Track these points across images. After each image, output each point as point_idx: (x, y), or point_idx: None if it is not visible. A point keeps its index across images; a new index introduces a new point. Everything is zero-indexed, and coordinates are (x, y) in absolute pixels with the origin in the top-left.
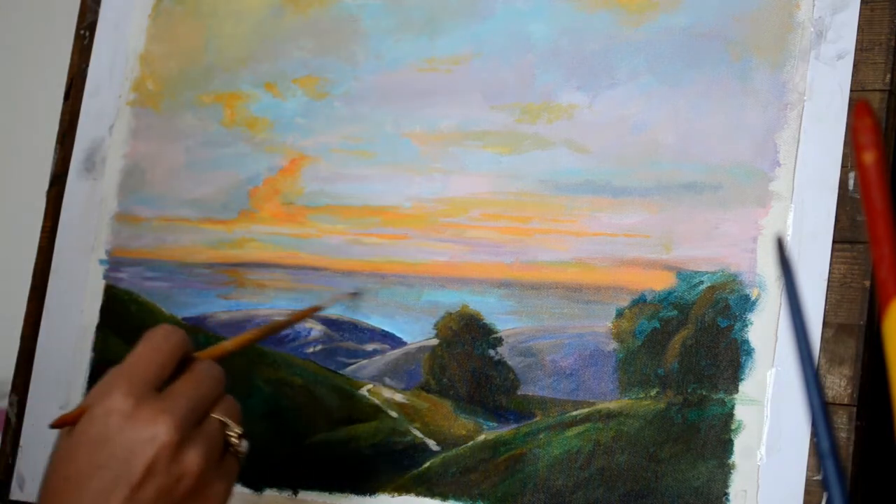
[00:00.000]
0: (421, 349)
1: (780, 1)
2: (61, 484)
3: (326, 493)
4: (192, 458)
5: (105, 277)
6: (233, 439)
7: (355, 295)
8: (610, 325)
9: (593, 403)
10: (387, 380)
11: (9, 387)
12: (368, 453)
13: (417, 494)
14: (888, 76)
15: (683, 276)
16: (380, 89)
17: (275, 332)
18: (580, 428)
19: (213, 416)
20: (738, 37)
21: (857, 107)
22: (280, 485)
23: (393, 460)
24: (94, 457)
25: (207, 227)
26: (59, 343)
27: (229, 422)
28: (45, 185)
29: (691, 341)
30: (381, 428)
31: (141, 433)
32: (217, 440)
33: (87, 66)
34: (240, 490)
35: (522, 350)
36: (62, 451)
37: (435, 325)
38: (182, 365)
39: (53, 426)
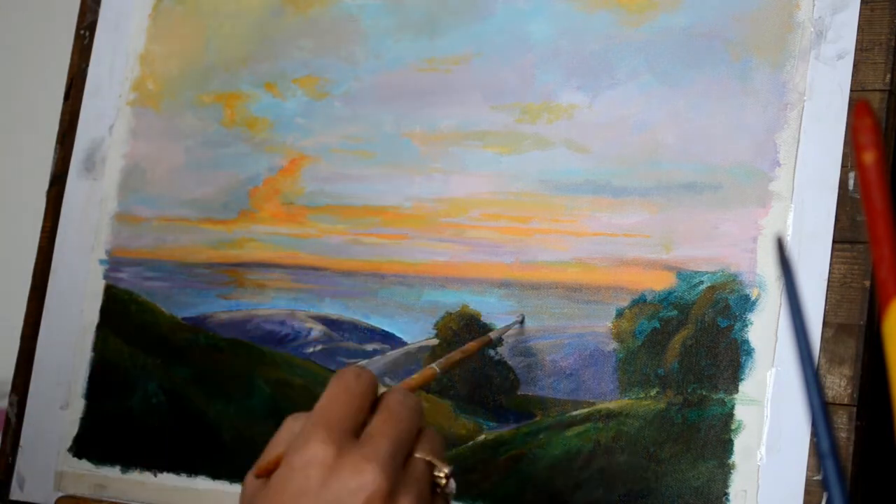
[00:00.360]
0: (421, 349)
1: (780, 1)
2: None
3: None
4: None
5: (105, 277)
6: (441, 480)
7: (521, 323)
8: (610, 325)
9: (593, 403)
10: (387, 380)
11: (9, 387)
12: None
13: None
14: (888, 76)
15: (683, 276)
16: (380, 89)
17: (454, 366)
18: (580, 428)
19: (418, 455)
20: (738, 37)
21: (857, 107)
22: None
23: None
24: None
25: (207, 227)
26: (59, 343)
27: (436, 461)
28: (45, 185)
29: (691, 341)
30: None
31: (347, 484)
32: (426, 482)
33: (87, 66)
34: (239, 490)
35: (522, 350)
36: None
37: (435, 325)
38: (375, 402)
39: (257, 475)
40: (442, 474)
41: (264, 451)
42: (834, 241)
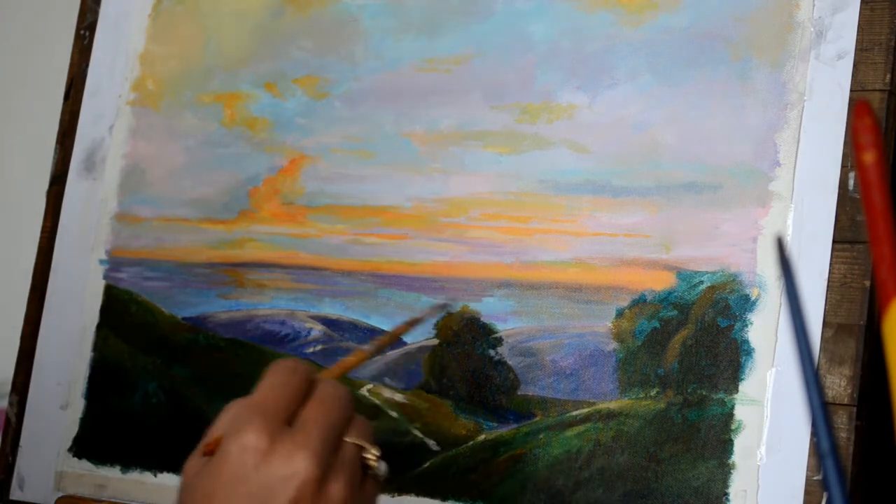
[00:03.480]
0: (421, 349)
1: (780, 1)
2: None
3: None
4: (336, 491)
5: (105, 277)
6: (371, 462)
7: (445, 307)
8: (610, 325)
9: (593, 403)
10: (387, 380)
11: (9, 387)
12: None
13: (417, 494)
14: (888, 76)
15: (683, 276)
16: (380, 89)
17: (382, 348)
18: (580, 428)
19: (348, 440)
20: (738, 37)
21: (857, 107)
22: None
23: (393, 460)
24: (231, 496)
25: (207, 227)
26: (59, 343)
27: (365, 444)
28: (45, 185)
29: (691, 341)
30: (381, 428)
31: (280, 471)
32: (356, 466)
33: (87, 66)
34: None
35: (522, 350)
36: (195, 490)
37: (435, 325)
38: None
39: (201, 455)
40: (371, 456)
41: (207, 433)
42: (834, 241)
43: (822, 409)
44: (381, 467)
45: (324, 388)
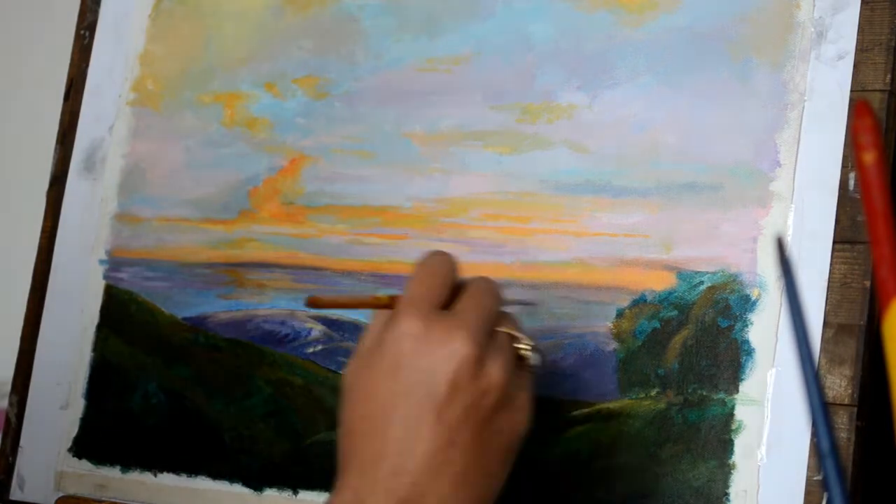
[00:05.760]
0: None
1: (780, 1)
2: (363, 423)
3: (326, 493)
4: (494, 371)
5: (105, 277)
6: (524, 351)
7: (530, 304)
8: (610, 325)
9: (593, 404)
10: None
11: (9, 387)
12: None
13: None
14: (888, 76)
15: (683, 276)
16: (380, 89)
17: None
18: (580, 428)
19: (501, 329)
20: (738, 37)
21: (857, 107)
22: (280, 485)
23: None
24: (393, 386)
25: (207, 227)
26: (59, 343)
27: (518, 334)
28: (45, 185)
29: (691, 341)
30: None
31: (438, 351)
32: (511, 352)
33: (87, 66)
34: (239, 490)
35: None
36: (355, 390)
37: None
38: (457, 285)
39: (313, 304)
40: (525, 346)
41: (362, 336)
42: (834, 241)
43: (822, 409)
44: (535, 357)
45: (476, 282)
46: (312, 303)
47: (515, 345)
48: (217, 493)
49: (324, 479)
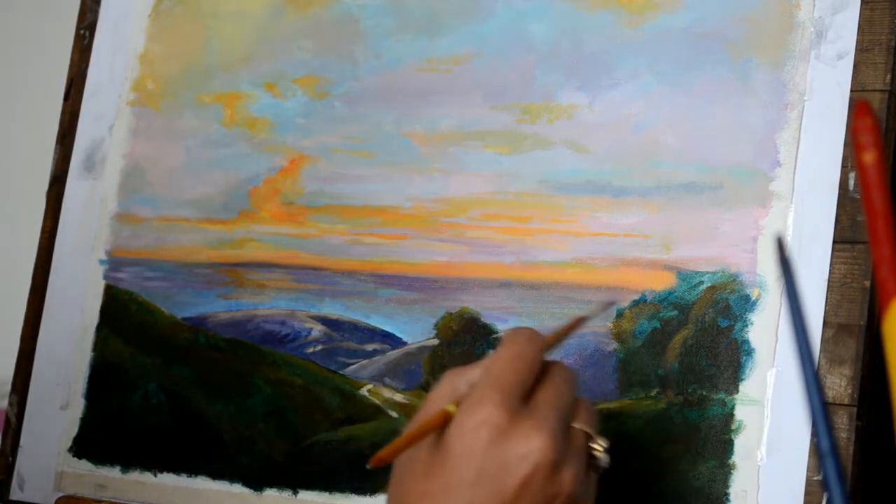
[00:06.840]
0: (421, 349)
1: (780, 1)
2: (421, 500)
3: (326, 493)
4: (567, 477)
5: (105, 277)
6: (597, 452)
7: (611, 304)
8: (610, 325)
9: (594, 404)
10: (387, 380)
11: (9, 387)
12: (368, 453)
13: None
14: (888, 76)
15: (683, 276)
16: (380, 89)
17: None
18: None
19: (577, 426)
20: (738, 37)
21: (857, 107)
22: (280, 485)
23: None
24: (462, 472)
25: (207, 227)
26: (59, 343)
27: (594, 434)
28: (45, 185)
29: (691, 341)
30: (381, 428)
31: (516, 449)
32: (584, 455)
33: (87, 66)
34: (239, 490)
35: None
36: (420, 464)
37: (435, 326)
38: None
39: (411, 439)
40: (598, 447)
41: (424, 406)
42: (834, 241)
43: (822, 409)
44: (604, 459)
45: (556, 370)
46: (377, 463)
47: (590, 444)
48: (217, 493)
49: (324, 479)
